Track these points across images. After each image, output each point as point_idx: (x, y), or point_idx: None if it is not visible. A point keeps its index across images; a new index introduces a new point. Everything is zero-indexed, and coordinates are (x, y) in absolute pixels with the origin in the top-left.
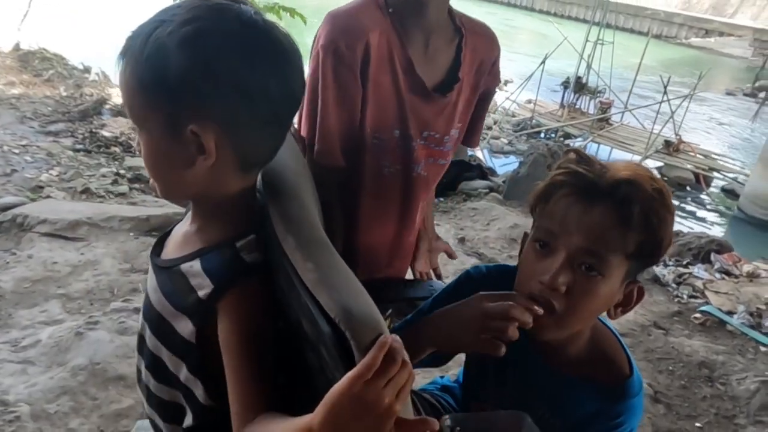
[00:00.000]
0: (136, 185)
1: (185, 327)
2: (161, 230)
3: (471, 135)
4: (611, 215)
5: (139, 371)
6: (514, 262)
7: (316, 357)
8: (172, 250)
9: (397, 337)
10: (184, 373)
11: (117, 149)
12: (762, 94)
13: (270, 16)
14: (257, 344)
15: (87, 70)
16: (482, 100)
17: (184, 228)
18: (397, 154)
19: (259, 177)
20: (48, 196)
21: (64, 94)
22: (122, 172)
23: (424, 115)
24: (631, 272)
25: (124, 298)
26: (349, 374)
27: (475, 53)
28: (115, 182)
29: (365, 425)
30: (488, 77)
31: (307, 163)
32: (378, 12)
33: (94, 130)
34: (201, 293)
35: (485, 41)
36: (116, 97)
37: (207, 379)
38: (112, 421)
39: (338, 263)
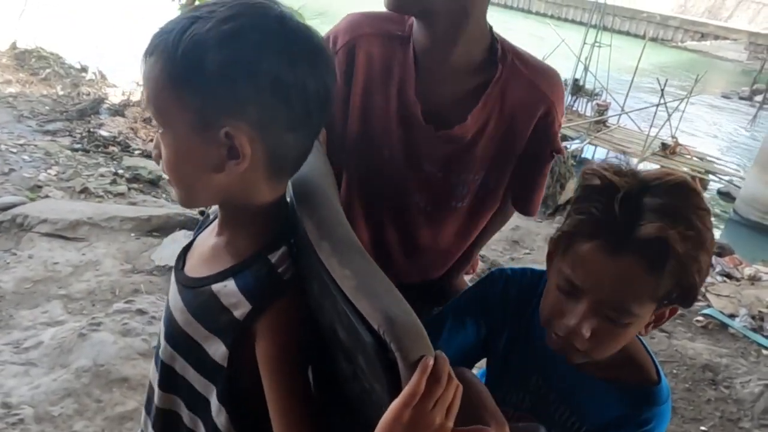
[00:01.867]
0: (135, 185)
1: (217, 349)
2: (162, 231)
3: (523, 201)
4: (642, 268)
5: (152, 390)
6: (515, 264)
7: (349, 364)
8: (198, 265)
9: (441, 354)
10: (213, 398)
11: (115, 149)
12: (758, 98)
13: None
14: (299, 363)
15: (84, 69)
16: (531, 161)
17: (210, 240)
18: (385, 176)
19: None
20: (46, 196)
21: (61, 93)
22: (121, 171)
23: (419, 147)
24: (665, 305)
25: (126, 299)
26: (396, 402)
27: (507, 98)
28: (113, 182)
29: None
30: (533, 137)
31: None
32: (396, 26)
33: (92, 130)
34: (237, 313)
35: (529, 91)
36: (114, 96)
37: (233, 408)
38: (116, 424)
39: (375, 270)
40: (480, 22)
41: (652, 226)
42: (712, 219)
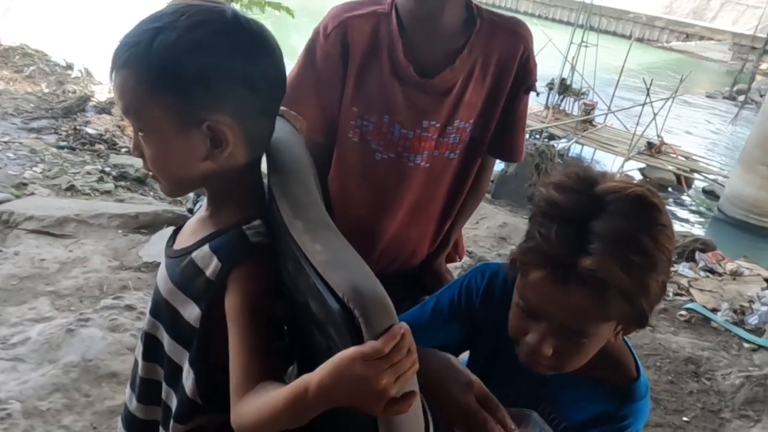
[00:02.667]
0: (122, 183)
1: (192, 312)
2: (150, 227)
3: (509, 145)
4: (587, 298)
5: (136, 364)
6: (502, 260)
7: (323, 337)
8: (185, 238)
9: (407, 326)
10: (186, 364)
11: (102, 146)
12: (741, 98)
13: (255, 11)
14: (260, 319)
15: (69, 66)
16: (510, 103)
17: (197, 217)
18: (389, 141)
19: (264, 163)
20: (32, 193)
21: (46, 90)
22: (107, 169)
23: (419, 103)
24: (624, 323)
25: (114, 296)
26: (356, 348)
27: (489, 47)
28: (100, 180)
29: (357, 398)
30: (514, 77)
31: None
32: (376, 6)
33: (78, 127)
34: (208, 272)
35: (506, 35)
36: (100, 94)
37: (200, 373)
38: (105, 418)
39: (345, 246)
40: None
41: (590, 259)
42: (697, 218)
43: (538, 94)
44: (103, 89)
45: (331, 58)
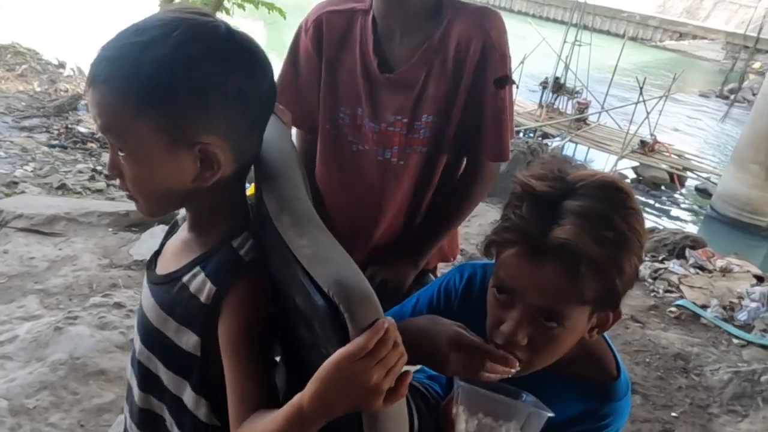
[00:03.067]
0: (114, 182)
1: (189, 340)
2: (140, 226)
3: (476, 142)
4: (560, 273)
5: (131, 391)
6: (482, 261)
7: (309, 332)
8: (169, 262)
9: (392, 320)
10: (188, 394)
11: (94, 145)
12: (733, 96)
13: (250, 9)
14: (257, 345)
15: (62, 65)
16: (478, 97)
17: (181, 236)
18: (363, 134)
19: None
20: (23, 192)
21: (38, 89)
22: (99, 168)
23: (381, 98)
24: (597, 309)
25: (103, 294)
26: (341, 351)
27: (450, 37)
28: (92, 178)
29: (352, 401)
30: (475, 67)
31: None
32: (356, 3)
33: (69, 126)
34: (203, 298)
35: (465, 24)
36: None
37: (211, 396)
38: (93, 416)
39: (331, 240)
40: None
41: (562, 229)
42: (690, 216)
43: (517, 86)
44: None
45: (308, 52)
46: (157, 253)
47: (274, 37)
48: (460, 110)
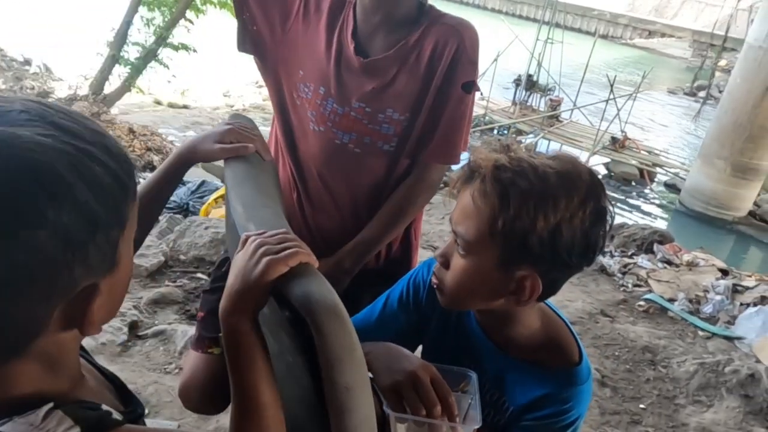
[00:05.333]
0: None
1: None
2: None
3: (444, 145)
4: (470, 194)
5: None
6: None
7: (275, 342)
8: None
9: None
10: None
11: None
12: (702, 93)
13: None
14: None
15: (27, 62)
16: (443, 99)
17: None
18: (320, 114)
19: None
20: None
21: (3, 86)
22: None
23: (348, 81)
24: (506, 259)
25: None
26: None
27: (426, 40)
28: None
29: (247, 277)
30: (445, 70)
31: None
32: None
33: None
34: None
35: (443, 29)
36: (60, 90)
37: None
38: None
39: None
40: None
41: (486, 157)
42: (660, 211)
43: (482, 93)
44: (63, 85)
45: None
46: None
47: None
48: (426, 111)
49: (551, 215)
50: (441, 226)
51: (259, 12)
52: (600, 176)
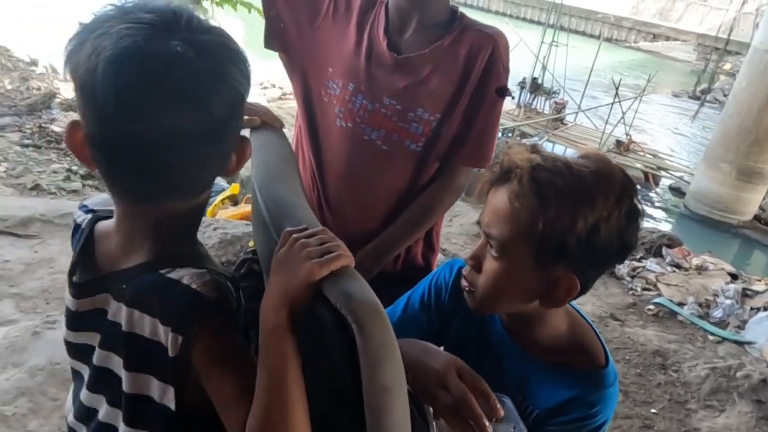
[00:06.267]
0: (90, 182)
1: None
2: None
3: (475, 149)
4: (505, 195)
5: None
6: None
7: (315, 348)
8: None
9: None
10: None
11: None
12: (705, 97)
13: (227, 9)
14: (239, 359)
15: (34, 62)
16: (478, 102)
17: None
18: (349, 109)
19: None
20: None
21: (9, 87)
22: (75, 168)
23: (380, 78)
24: (542, 260)
25: None
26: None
27: (461, 43)
28: (67, 179)
29: (293, 276)
30: (480, 74)
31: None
32: None
33: (43, 125)
34: (167, 346)
35: (477, 34)
36: (66, 91)
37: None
38: None
39: None
40: None
41: (521, 156)
42: (665, 214)
43: (513, 98)
44: (69, 86)
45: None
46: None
47: (252, 36)
48: (460, 114)
49: (589, 215)
50: (449, 228)
51: (286, 9)
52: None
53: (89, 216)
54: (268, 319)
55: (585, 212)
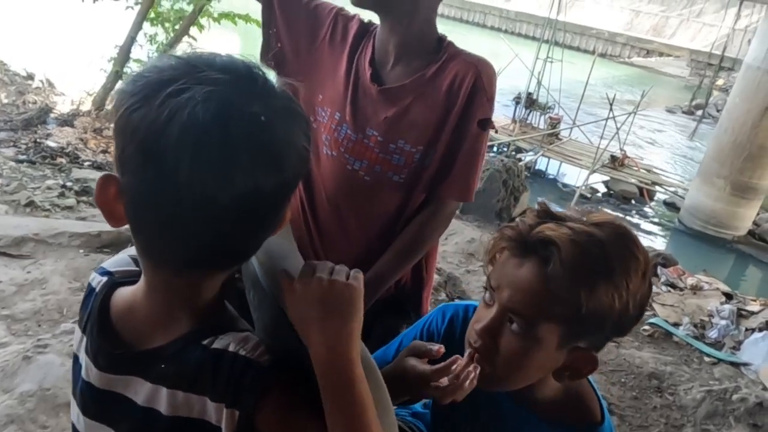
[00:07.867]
0: (84, 198)
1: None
2: (113, 247)
3: (459, 182)
4: (534, 272)
5: None
6: (471, 276)
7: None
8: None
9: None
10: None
11: (63, 160)
12: (699, 112)
13: (225, 23)
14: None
15: (30, 76)
16: (460, 134)
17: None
18: (334, 138)
19: None
20: None
21: (5, 101)
22: (69, 184)
23: (363, 107)
24: (568, 338)
25: (74, 319)
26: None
27: (444, 73)
28: (61, 195)
29: (334, 308)
30: (463, 105)
31: None
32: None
33: (38, 140)
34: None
35: (461, 64)
36: (62, 105)
37: None
38: None
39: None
40: (428, 18)
41: (549, 228)
42: (659, 229)
43: (496, 131)
44: (66, 100)
45: (323, 15)
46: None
47: (249, 47)
48: (443, 147)
49: (624, 294)
50: (444, 246)
51: (285, 31)
52: (600, 194)
53: (104, 279)
54: (340, 359)
55: (621, 292)
